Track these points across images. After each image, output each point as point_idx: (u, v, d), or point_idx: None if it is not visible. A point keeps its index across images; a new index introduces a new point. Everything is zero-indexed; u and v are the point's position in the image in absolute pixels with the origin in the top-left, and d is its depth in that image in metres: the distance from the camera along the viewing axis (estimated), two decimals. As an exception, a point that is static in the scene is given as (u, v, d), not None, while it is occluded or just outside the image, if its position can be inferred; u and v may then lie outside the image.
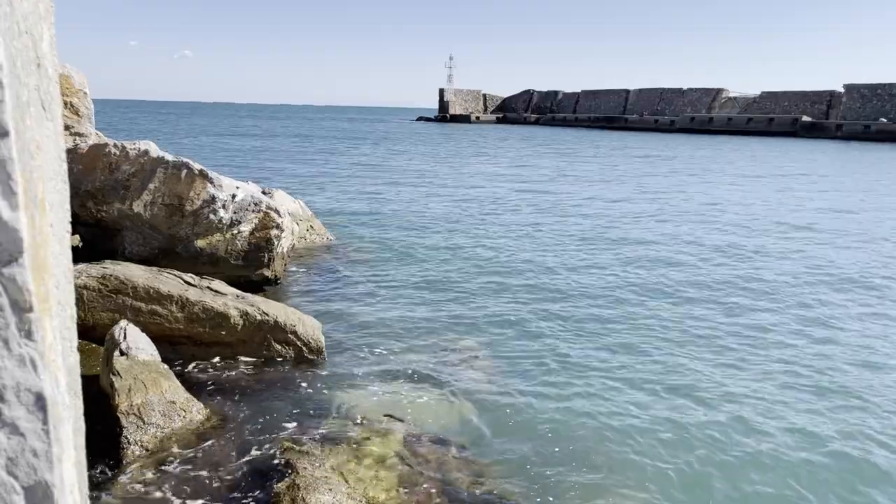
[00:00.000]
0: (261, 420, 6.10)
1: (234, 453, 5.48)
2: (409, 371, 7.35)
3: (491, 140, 65.69)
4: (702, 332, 8.92)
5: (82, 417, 1.38)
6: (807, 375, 7.56)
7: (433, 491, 4.99)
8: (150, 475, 5.06)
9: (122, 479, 4.98)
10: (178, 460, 5.29)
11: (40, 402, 0.92)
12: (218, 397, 6.50)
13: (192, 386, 6.55)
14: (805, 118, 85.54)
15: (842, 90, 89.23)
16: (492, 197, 22.82)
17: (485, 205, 20.80)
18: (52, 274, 1.08)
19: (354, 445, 5.49)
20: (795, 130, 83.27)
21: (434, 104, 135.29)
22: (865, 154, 53.24)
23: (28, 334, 0.92)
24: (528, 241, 15.03)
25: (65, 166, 1.33)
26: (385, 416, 6.16)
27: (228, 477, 5.14)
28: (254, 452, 5.52)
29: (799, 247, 15.08)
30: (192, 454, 5.38)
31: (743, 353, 8.17)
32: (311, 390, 6.77)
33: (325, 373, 7.17)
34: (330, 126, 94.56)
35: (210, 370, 7.03)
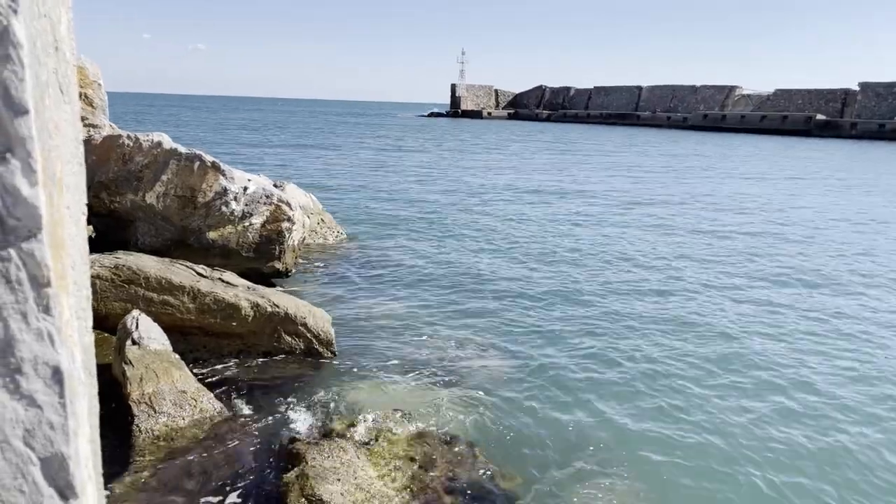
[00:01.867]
0: (270, 411, 6.14)
1: (243, 443, 5.53)
2: (419, 366, 7.37)
3: (504, 135, 65.58)
4: (722, 330, 8.90)
5: (97, 397, 1.40)
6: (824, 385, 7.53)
7: (441, 486, 5.00)
8: (160, 464, 5.11)
9: (133, 467, 5.03)
10: (188, 449, 5.33)
11: (57, 376, 0.94)
12: (228, 388, 6.55)
13: (203, 376, 6.61)
14: (819, 116, 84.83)
15: (857, 88, 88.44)
16: (506, 193, 22.80)
17: (498, 201, 20.78)
18: (69, 253, 1.10)
19: (363, 439, 5.51)
20: (809, 129, 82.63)
21: (446, 99, 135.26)
22: None
23: (46, 309, 0.94)
24: (544, 239, 15.01)
25: (81, 149, 1.35)
26: (394, 410, 6.18)
27: (238, 466, 5.19)
28: (263, 442, 5.56)
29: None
30: (202, 443, 5.43)
31: (766, 359, 8.15)
32: (320, 383, 6.81)
33: (334, 366, 7.21)
34: (342, 120, 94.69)
35: (221, 360, 7.08)
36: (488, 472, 5.28)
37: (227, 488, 4.91)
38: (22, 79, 0.89)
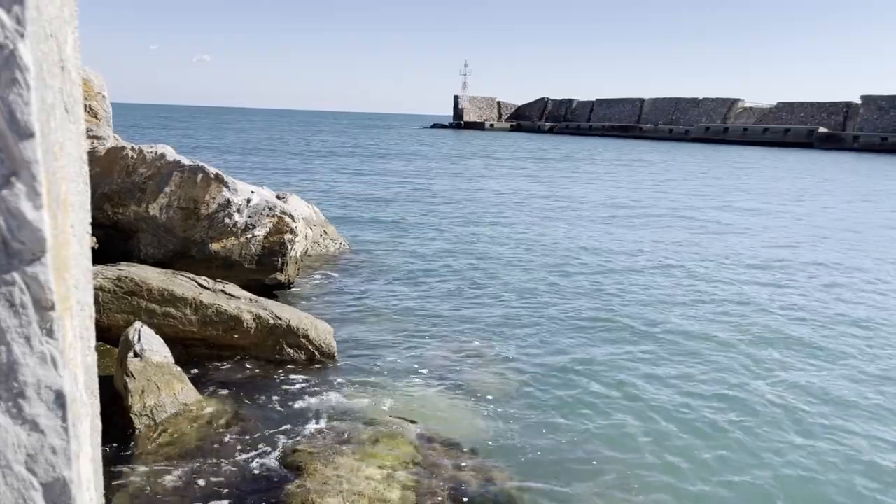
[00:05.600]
0: (272, 422, 6.12)
1: (245, 455, 5.51)
2: (421, 377, 7.35)
3: (506, 148, 65.72)
4: (728, 337, 8.87)
5: (99, 416, 1.39)
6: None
7: (444, 495, 4.98)
8: (161, 476, 5.09)
9: (134, 479, 5.01)
10: (189, 461, 5.31)
11: (60, 400, 0.94)
12: (230, 400, 6.53)
13: (205, 388, 6.59)
14: (821, 129, 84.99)
15: (859, 101, 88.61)
16: (510, 203, 22.81)
17: (501, 211, 20.79)
18: (73, 274, 1.10)
19: (365, 449, 5.49)
20: (811, 141, 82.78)
21: (449, 111, 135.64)
22: None
23: (49, 332, 0.93)
24: (544, 246, 15.01)
25: (86, 168, 1.35)
26: (396, 420, 6.17)
27: (240, 478, 5.16)
28: (265, 454, 5.54)
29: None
30: (203, 456, 5.41)
31: (774, 363, 8.12)
32: (322, 395, 6.79)
33: (336, 377, 7.19)
34: (344, 131, 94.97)
35: (223, 373, 7.07)
36: (492, 478, 5.26)
37: (230, 500, 4.88)
38: (28, 102, 0.89)
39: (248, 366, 7.22)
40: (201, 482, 5.07)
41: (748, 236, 17.84)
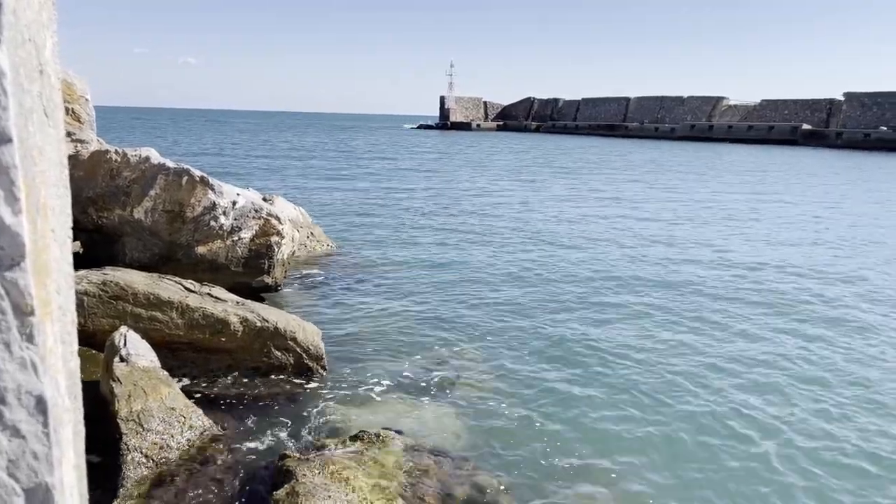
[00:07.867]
0: (260, 427, 6.10)
1: (233, 460, 5.48)
2: (410, 379, 7.35)
3: (492, 148, 65.76)
4: (714, 343, 8.92)
5: (82, 422, 1.38)
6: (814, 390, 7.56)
7: (434, 500, 4.98)
8: (148, 482, 5.06)
9: (121, 486, 4.98)
10: (177, 467, 5.28)
11: (41, 405, 0.93)
12: (217, 404, 6.50)
13: (192, 392, 6.56)
14: (805, 126, 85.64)
15: (842, 98, 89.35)
16: (497, 205, 22.84)
17: (488, 213, 20.81)
18: (54, 279, 1.09)
19: (354, 454, 5.48)
20: (795, 138, 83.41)
21: (435, 111, 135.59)
22: None
23: (29, 338, 0.93)
24: (532, 251, 15.04)
25: (66, 172, 1.34)
26: (385, 423, 6.15)
27: (227, 484, 5.14)
28: (252, 459, 5.52)
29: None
30: (191, 461, 5.38)
31: (757, 370, 8.18)
32: (310, 398, 6.77)
33: (324, 381, 7.17)
34: (331, 133, 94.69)
35: (210, 377, 7.03)
36: (481, 484, 5.26)
37: (217, 506, 4.86)
38: (5, 107, 0.88)
39: (235, 370, 7.19)
40: (189, 487, 5.05)
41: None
